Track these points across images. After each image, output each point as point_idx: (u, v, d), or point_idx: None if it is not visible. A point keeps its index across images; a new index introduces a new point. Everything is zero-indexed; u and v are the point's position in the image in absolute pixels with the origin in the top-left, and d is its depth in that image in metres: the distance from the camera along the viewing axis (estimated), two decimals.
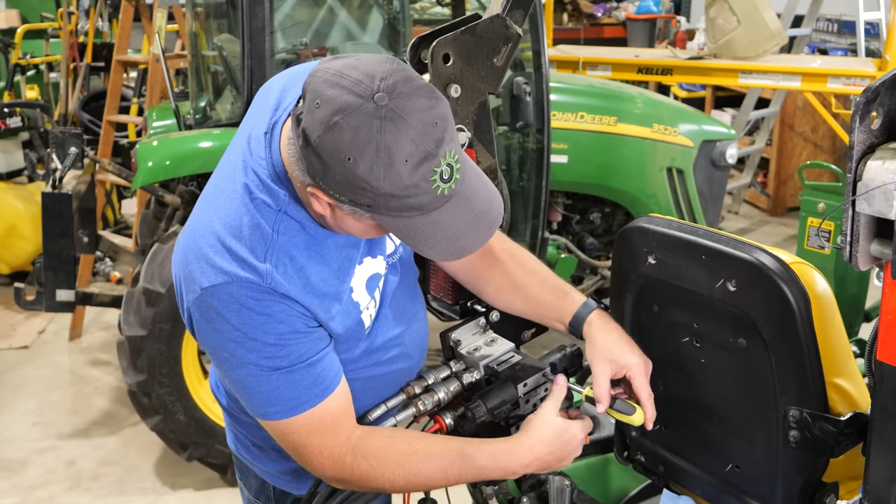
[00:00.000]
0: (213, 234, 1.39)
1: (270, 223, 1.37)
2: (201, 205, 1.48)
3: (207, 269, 1.37)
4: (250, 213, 1.38)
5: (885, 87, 1.05)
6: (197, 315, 1.40)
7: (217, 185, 1.47)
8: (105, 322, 5.17)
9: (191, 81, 4.17)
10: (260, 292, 1.35)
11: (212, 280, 1.36)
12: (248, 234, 1.37)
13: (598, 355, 1.55)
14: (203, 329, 1.40)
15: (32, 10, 8.99)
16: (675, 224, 1.44)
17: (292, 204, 1.38)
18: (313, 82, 1.25)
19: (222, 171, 1.49)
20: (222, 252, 1.37)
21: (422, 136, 1.20)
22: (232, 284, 1.35)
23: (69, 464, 3.83)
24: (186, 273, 1.41)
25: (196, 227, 1.45)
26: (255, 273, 1.35)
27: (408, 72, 1.25)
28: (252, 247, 1.36)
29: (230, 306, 1.35)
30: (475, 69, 1.66)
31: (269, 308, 1.36)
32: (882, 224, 1.07)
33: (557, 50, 5.98)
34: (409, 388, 1.61)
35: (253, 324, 1.36)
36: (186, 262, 1.42)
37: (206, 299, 1.37)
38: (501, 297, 1.70)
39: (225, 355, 1.40)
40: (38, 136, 6.27)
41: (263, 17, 3.27)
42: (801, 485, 1.36)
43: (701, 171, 4.19)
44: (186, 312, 1.44)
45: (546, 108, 3.77)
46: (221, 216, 1.40)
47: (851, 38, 7.08)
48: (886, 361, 1.11)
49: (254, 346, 1.37)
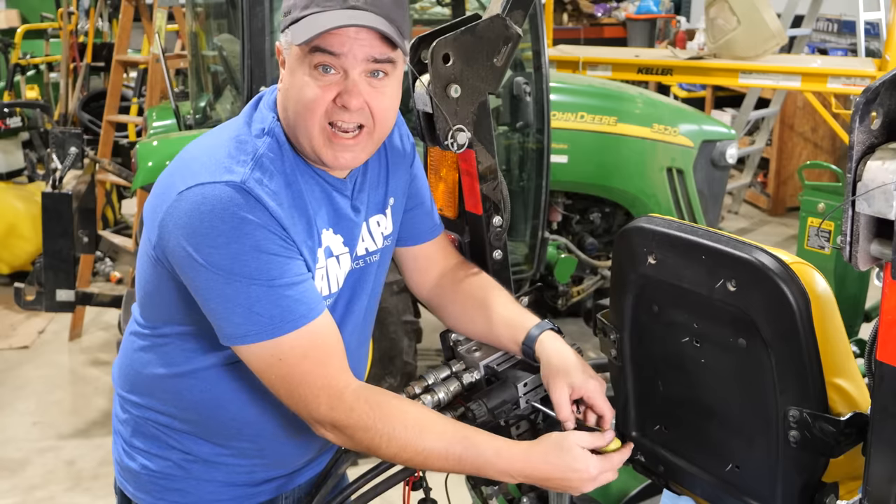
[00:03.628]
0: (203, 150, 1.44)
1: (258, 140, 1.44)
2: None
3: (187, 175, 1.40)
4: (242, 133, 1.46)
5: (885, 87, 1.05)
6: (171, 223, 1.38)
7: (216, 128, 1.56)
8: (105, 322, 5.16)
9: (191, 81, 4.18)
10: (236, 191, 1.36)
11: (188, 183, 1.37)
12: (235, 147, 1.43)
13: (553, 377, 1.55)
14: (176, 237, 1.37)
15: (32, 10, 8.99)
16: (674, 224, 1.44)
17: (279, 128, 1.47)
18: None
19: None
20: (204, 162, 1.40)
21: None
22: (209, 185, 1.36)
23: (69, 464, 3.83)
24: (166, 186, 1.43)
25: (185, 149, 1.50)
26: (231, 174, 1.37)
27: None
28: (236, 157, 1.41)
29: (205, 205, 1.35)
30: (475, 69, 1.67)
31: (245, 210, 1.35)
32: (882, 224, 1.07)
33: (557, 50, 5.98)
34: (409, 387, 1.61)
35: (229, 223, 1.34)
36: (170, 174, 1.45)
37: (181, 203, 1.37)
38: (461, 323, 1.73)
39: (200, 263, 1.36)
40: (38, 136, 6.27)
41: (263, 17, 3.27)
42: (801, 485, 1.36)
43: (701, 171, 4.19)
44: (159, 228, 1.41)
45: (546, 108, 3.77)
46: (215, 139, 1.47)
47: (851, 38, 7.08)
48: (886, 361, 1.11)
49: (229, 252, 1.35)
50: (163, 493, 1.61)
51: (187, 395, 1.55)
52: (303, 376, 1.40)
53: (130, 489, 1.65)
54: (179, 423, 1.58)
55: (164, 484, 1.61)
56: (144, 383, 1.59)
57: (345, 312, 1.60)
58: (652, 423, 1.61)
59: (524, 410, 1.62)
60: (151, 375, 1.57)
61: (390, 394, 1.46)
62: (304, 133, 1.44)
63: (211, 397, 1.55)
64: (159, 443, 1.60)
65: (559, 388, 1.53)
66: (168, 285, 1.47)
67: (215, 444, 1.58)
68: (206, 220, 1.34)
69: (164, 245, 1.41)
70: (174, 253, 1.40)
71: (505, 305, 1.68)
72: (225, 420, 1.57)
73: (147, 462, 1.61)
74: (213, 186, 1.36)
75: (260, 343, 1.39)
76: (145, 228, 1.49)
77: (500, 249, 1.85)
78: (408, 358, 3.72)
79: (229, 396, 1.55)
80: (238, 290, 1.36)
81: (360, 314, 1.64)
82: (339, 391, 1.40)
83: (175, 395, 1.56)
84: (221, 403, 1.55)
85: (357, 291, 1.61)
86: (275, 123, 1.47)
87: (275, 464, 1.65)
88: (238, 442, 1.59)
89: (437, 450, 1.41)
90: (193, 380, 1.54)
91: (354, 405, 1.40)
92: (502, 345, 1.67)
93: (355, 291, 1.61)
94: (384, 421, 1.40)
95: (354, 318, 1.63)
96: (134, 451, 1.62)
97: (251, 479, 1.63)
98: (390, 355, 3.68)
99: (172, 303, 1.49)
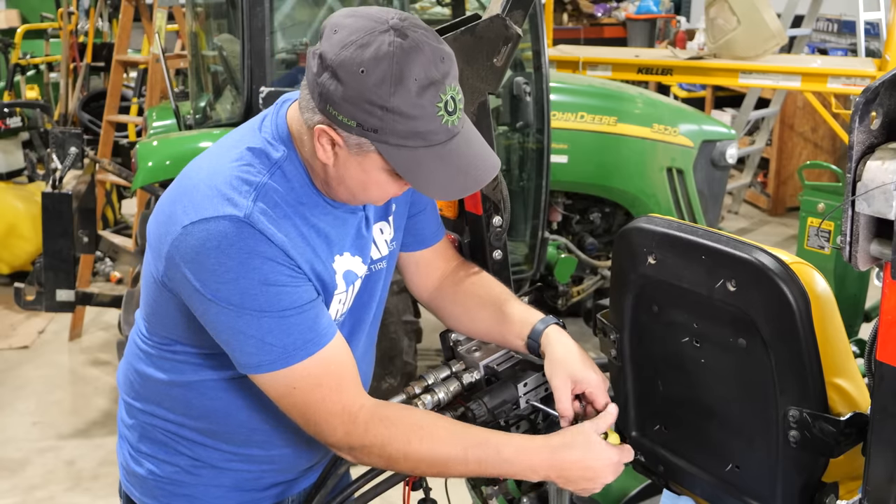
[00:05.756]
0: (204, 178, 1.39)
1: (263, 171, 1.39)
2: (195, 160, 1.49)
3: (190, 207, 1.36)
4: (246, 161, 1.40)
5: (884, 87, 1.05)
6: (177, 257, 1.36)
7: (216, 145, 1.50)
8: (105, 322, 5.16)
9: (191, 81, 4.17)
10: (240, 226, 1.33)
11: (191, 217, 1.35)
12: (238, 177, 1.38)
13: (556, 370, 1.54)
14: (183, 272, 1.36)
15: (32, 10, 8.98)
16: (674, 224, 1.44)
17: (289, 162, 1.41)
18: (331, 18, 1.32)
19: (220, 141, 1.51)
20: (206, 192, 1.37)
21: (431, 63, 1.28)
22: (213, 220, 1.33)
23: (69, 464, 3.83)
24: (169, 215, 1.40)
25: (186, 174, 1.45)
26: (235, 207, 1.34)
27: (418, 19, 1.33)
28: (239, 188, 1.36)
29: (211, 242, 1.33)
30: (475, 69, 1.67)
31: (250, 245, 1.33)
32: (882, 224, 1.07)
33: (557, 50, 5.98)
34: (409, 387, 1.61)
35: (235, 259, 1.32)
36: (172, 202, 1.41)
37: (186, 238, 1.35)
38: (464, 323, 1.72)
39: (209, 299, 1.35)
40: (38, 136, 6.27)
41: (263, 17, 3.27)
42: (800, 485, 1.36)
43: (701, 171, 4.19)
44: (165, 260, 1.39)
45: (546, 108, 3.77)
46: (216, 165, 1.41)
47: (851, 38, 7.07)
48: (886, 361, 1.11)
49: (238, 287, 1.33)
50: (170, 499, 1.61)
51: (196, 404, 1.55)
52: (317, 404, 1.40)
53: (137, 494, 1.65)
54: (188, 430, 1.57)
55: (171, 489, 1.60)
56: (151, 392, 1.58)
57: (355, 321, 1.60)
58: (652, 423, 1.61)
59: (524, 410, 1.62)
60: (158, 385, 1.56)
61: (402, 407, 1.46)
62: (343, 198, 1.44)
63: (221, 405, 1.54)
64: (167, 448, 1.59)
65: (561, 380, 1.53)
66: (176, 309, 1.46)
67: (224, 450, 1.58)
68: (213, 256, 1.33)
69: (171, 276, 1.40)
70: (182, 287, 1.39)
71: (508, 303, 1.67)
72: (235, 427, 1.56)
73: (154, 467, 1.60)
74: (217, 222, 1.33)
75: (273, 372, 1.38)
76: (149, 253, 1.47)
77: (500, 249, 1.86)
78: (408, 358, 3.72)
79: (239, 404, 1.54)
80: (249, 323, 1.35)
81: (368, 321, 1.64)
82: (354, 415, 1.40)
83: (184, 404, 1.55)
84: (231, 411, 1.55)
85: (365, 300, 1.61)
86: (285, 159, 1.41)
87: (283, 469, 1.64)
88: (247, 448, 1.58)
89: (456, 457, 1.40)
90: (203, 389, 1.54)
91: (369, 425, 1.40)
92: (506, 341, 1.66)
93: (364, 300, 1.60)
94: (399, 437, 1.39)
95: (363, 325, 1.62)
96: (141, 455, 1.62)
97: (259, 485, 1.63)
98: (390, 355, 3.68)
99: (180, 324, 1.48)
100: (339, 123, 1.30)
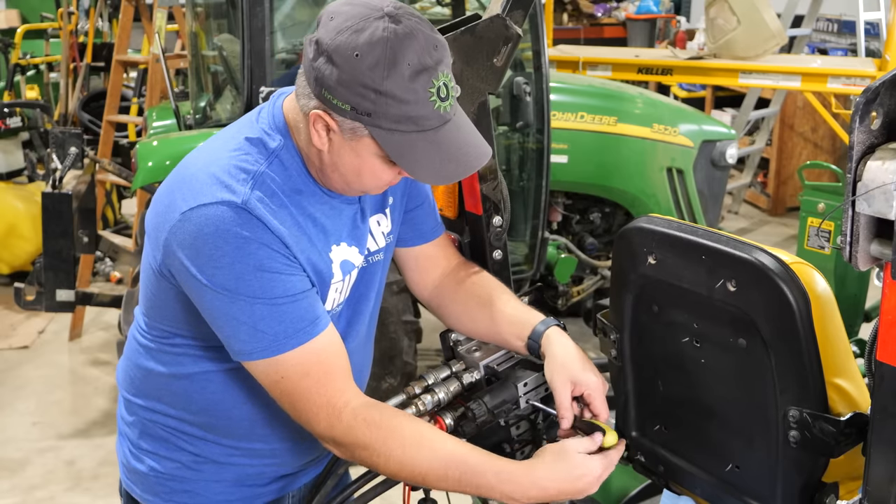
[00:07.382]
0: (202, 167, 1.41)
1: (261, 160, 1.41)
2: (193, 152, 1.50)
3: (188, 194, 1.38)
4: (244, 150, 1.42)
5: (884, 87, 1.05)
6: (175, 244, 1.38)
7: (214, 137, 1.51)
8: (105, 322, 5.16)
9: (191, 81, 4.17)
10: (238, 212, 1.34)
11: (189, 203, 1.37)
12: (236, 165, 1.40)
13: (556, 372, 1.54)
14: (180, 258, 1.37)
15: (32, 10, 8.98)
16: (674, 224, 1.44)
17: (286, 151, 1.43)
18: (328, 7, 1.34)
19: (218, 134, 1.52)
20: (204, 180, 1.38)
21: (424, 50, 1.30)
22: (210, 206, 1.35)
23: (69, 464, 3.83)
24: (167, 204, 1.41)
25: (184, 164, 1.46)
26: (233, 194, 1.36)
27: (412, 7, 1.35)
28: (236, 176, 1.38)
29: (208, 227, 1.34)
30: (475, 69, 1.67)
31: (247, 230, 1.35)
32: (882, 224, 1.07)
33: (557, 50, 5.98)
34: (409, 387, 1.61)
35: (232, 244, 1.34)
36: (170, 192, 1.42)
37: (184, 224, 1.36)
38: (464, 323, 1.72)
39: (204, 284, 1.36)
40: (38, 136, 6.27)
41: (263, 17, 3.27)
42: (800, 485, 1.36)
43: (701, 171, 4.19)
44: (163, 248, 1.40)
45: (546, 108, 3.77)
46: (214, 155, 1.43)
47: (851, 38, 7.07)
48: (886, 361, 1.11)
49: (233, 272, 1.34)
50: (171, 495, 1.61)
51: (197, 398, 1.55)
52: (303, 394, 1.40)
53: (138, 491, 1.65)
54: (189, 425, 1.57)
55: (172, 485, 1.60)
56: (151, 387, 1.59)
57: (353, 313, 1.60)
58: (652, 423, 1.61)
59: (524, 410, 1.62)
60: (159, 379, 1.57)
61: (391, 411, 1.46)
62: (338, 187, 1.45)
63: (221, 399, 1.55)
64: (168, 444, 1.59)
65: (561, 382, 1.53)
66: (175, 299, 1.46)
67: (226, 444, 1.58)
68: (210, 241, 1.34)
69: (169, 264, 1.41)
70: (179, 273, 1.40)
71: (508, 303, 1.67)
72: (236, 420, 1.56)
73: (155, 464, 1.60)
74: (214, 207, 1.35)
75: (264, 360, 1.39)
76: (148, 244, 1.48)
77: (500, 249, 1.86)
78: (408, 358, 3.72)
79: (240, 397, 1.55)
80: (242, 309, 1.37)
81: (366, 314, 1.64)
82: (339, 410, 1.41)
83: (184, 398, 1.56)
84: (233, 405, 1.55)
85: (363, 291, 1.61)
86: (282, 147, 1.44)
87: (285, 463, 1.65)
88: (249, 443, 1.59)
89: (436, 471, 1.41)
90: (204, 382, 1.54)
91: (353, 424, 1.40)
92: (507, 342, 1.66)
93: (361, 291, 1.61)
94: (382, 441, 1.40)
95: (361, 317, 1.63)
96: (142, 452, 1.62)
97: (260, 480, 1.63)
98: (390, 355, 3.68)
99: (179, 315, 1.49)
100: (334, 108, 1.32)
